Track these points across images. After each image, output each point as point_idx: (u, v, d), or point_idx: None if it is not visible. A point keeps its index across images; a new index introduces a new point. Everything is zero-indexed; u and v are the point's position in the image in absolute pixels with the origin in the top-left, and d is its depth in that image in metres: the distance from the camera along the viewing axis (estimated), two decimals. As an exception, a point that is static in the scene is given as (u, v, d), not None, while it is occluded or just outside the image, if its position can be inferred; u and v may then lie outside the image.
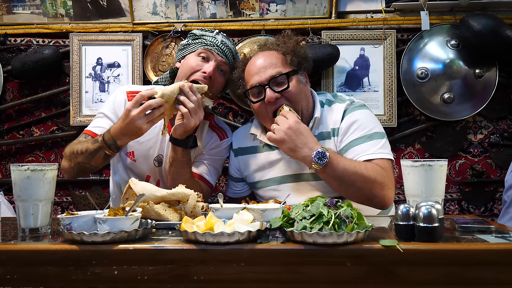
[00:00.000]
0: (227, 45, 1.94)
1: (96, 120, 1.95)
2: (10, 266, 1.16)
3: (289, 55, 1.81)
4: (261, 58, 1.82)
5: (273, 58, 1.81)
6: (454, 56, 2.58)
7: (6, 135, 2.73)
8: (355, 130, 1.76)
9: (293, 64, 1.81)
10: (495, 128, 2.66)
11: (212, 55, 1.89)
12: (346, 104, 1.83)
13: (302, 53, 1.85)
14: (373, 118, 1.82)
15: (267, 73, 1.77)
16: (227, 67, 1.93)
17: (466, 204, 2.66)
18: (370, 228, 1.16)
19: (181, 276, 1.13)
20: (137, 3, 2.64)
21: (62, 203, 2.74)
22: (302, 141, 1.61)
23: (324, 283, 1.12)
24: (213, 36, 1.93)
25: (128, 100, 1.92)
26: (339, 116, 1.80)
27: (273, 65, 1.78)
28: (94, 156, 1.75)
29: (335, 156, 1.61)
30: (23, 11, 2.70)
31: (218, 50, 1.90)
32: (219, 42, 1.91)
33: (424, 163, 1.29)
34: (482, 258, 1.11)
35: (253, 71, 1.81)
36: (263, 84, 1.76)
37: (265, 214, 1.32)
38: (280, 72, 1.77)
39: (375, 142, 1.72)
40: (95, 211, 1.32)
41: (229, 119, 2.70)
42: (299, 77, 1.82)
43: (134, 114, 1.63)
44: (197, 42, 1.93)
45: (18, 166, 1.30)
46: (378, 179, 1.61)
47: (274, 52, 1.84)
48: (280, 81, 1.76)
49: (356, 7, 2.68)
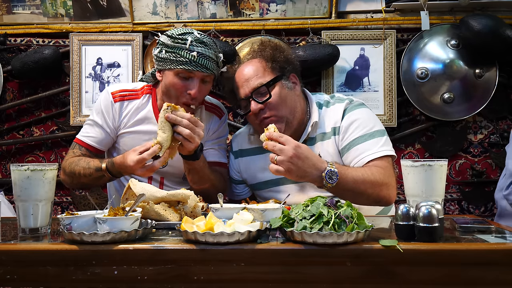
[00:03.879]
0: (206, 56, 1.78)
1: (86, 128, 1.94)
2: (10, 266, 1.16)
3: (269, 62, 1.81)
4: (245, 69, 1.83)
5: (254, 68, 1.81)
6: (454, 56, 2.58)
7: (6, 135, 2.73)
8: (356, 129, 1.76)
9: (275, 70, 1.80)
10: (495, 128, 2.66)
11: (192, 73, 1.78)
12: (346, 103, 1.82)
13: (282, 57, 1.83)
14: (373, 116, 1.82)
15: (250, 85, 1.78)
16: (211, 76, 1.84)
17: (466, 204, 2.66)
18: (370, 228, 1.16)
19: (181, 276, 1.13)
20: (137, 3, 2.64)
21: (62, 203, 2.74)
22: (309, 164, 1.55)
23: (324, 283, 1.12)
24: (187, 50, 1.75)
25: (114, 101, 1.90)
26: (339, 115, 1.80)
27: (255, 76, 1.79)
28: (99, 180, 1.82)
29: (342, 169, 1.60)
30: (23, 11, 2.71)
31: (197, 66, 1.76)
32: (196, 58, 1.76)
33: (424, 163, 1.29)
34: (482, 258, 1.11)
35: (239, 84, 1.83)
36: (248, 97, 1.79)
37: (265, 214, 1.32)
38: (261, 83, 1.77)
39: (376, 140, 1.73)
40: (95, 211, 1.32)
41: (229, 119, 2.70)
42: (283, 82, 1.80)
43: (138, 173, 1.66)
44: (173, 59, 1.77)
45: (18, 166, 1.30)
46: (384, 181, 1.62)
47: (256, 61, 1.84)
48: (263, 92, 1.77)
49: (356, 7, 2.68)
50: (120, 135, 1.94)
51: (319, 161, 1.58)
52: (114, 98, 1.91)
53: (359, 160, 1.71)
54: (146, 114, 1.92)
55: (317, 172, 1.55)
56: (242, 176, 1.97)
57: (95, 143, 1.90)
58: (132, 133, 1.92)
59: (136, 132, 1.92)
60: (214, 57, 1.82)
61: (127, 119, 1.92)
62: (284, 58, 1.83)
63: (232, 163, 2.01)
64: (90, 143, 1.90)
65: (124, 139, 1.93)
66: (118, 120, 1.92)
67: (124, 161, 1.68)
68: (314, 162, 1.56)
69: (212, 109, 2.04)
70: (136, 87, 1.97)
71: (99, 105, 1.93)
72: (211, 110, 2.03)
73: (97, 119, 1.92)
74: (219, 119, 2.03)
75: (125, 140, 1.93)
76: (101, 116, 1.91)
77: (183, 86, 1.79)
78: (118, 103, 1.91)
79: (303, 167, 1.53)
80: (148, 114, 1.93)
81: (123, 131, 1.93)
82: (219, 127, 2.03)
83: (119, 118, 1.91)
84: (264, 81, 1.77)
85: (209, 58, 1.79)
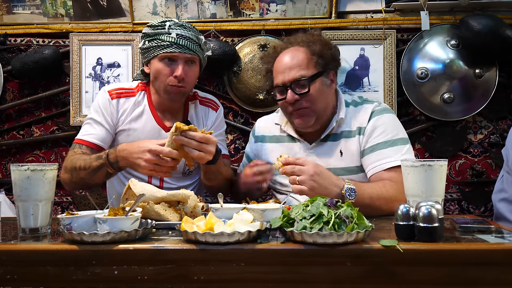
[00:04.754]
0: (184, 37, 1.85)
1: (86, 127, 1.94)
2: (10, 266, 1.16)
3: (316, 56, 1.82)
4: (288, 57, 1.83)
5: (299, 57, 1.81)
6: (454, 56, 2.58)
7: (6, 135, 2.73)
8: (381, 134, 1.79)
9: (319, 65, 1.82)
10: (495, 128, 2.66)
11: (175, 55, 1.85)
12: (374, 105, 1.87)
13: (328, 55, 1.84)
14: (398, 123, 1.86)
15: (291, 74, 1.79)
16: (195, 57, 1.89)
17: (466, 204, 2.66)
18: (370, 228, 1.16)
19: (181, 276, 1.13)
20: (137, 3, 2.64)
21: (62, 203, 2.74)
22: (330, 181, 1.59)
23: (324, 283, 1.12)
24: (166, 33, 1.84)
25: (111, 98, 1.94)
26: (366, 116, 1.84)
27: (298, 67, 1.79)
28: (97, 173, 1.76)
29: (358, 186, 1.62)
30: (23, 11, 2.70)
31: (178, 47, 1.84)
32: (175, 38, 1.83)
33: (424, 163, 1.29)
34: (482, 258, 1.11)
35: (279, 70, 1.84)
36: (286, 85, 1.80)
37: (265, 214, 1.32)
38: (303, 75, 1.78)
39: (399, 148, 1.76)
40: (95, 211, 1.32)
41: (229, 119, 2.70)
42: (323, 79, 1.82)
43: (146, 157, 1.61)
44: (155, 45, 1.86)
45: (18, 166, 1.30)
46: (397, 197, 1.62)
47: (302, 50, 1.83)
48: (302, 84, 1.78)
49: (356, 7, 2.68)
50: (118, 132, 1.96)
51: (336, 178, 1.62)
52: (111, 95, 1.95)
53: (378, 165, 1.75)
54: (142, 110, 1.97)
55: (337, 189, 1.58)
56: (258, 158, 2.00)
57: (97, 139, 1.90)
58: (129, 130, 1.96)
59: (133, 129, 1.95)
60: (195, 38, 1.88)
61: (125, 116, 1.95)
62: (330, 56, 1.85)
63: (252, 143, 2.08)
64: (91, 140, 1.89)
65: (121, 136, 1.96)
66: (116, 117, 1.95)
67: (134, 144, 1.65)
68: (332, 180, 1.60)
69: (207, 103, 2.10)
70: (132, 85, 2.02)
71: (97, 104, 1.95)
72: (205, 104, 2.09)
73: (96, 117, 1.93)
74: (215, 112, 2.09)
75: (123, 138, 1.95)
76: (100, 114, 1.93)
77: (169, 70, 1.85)
78: (115, 100, 1.95)
79: (324, 184, 1.57)
80: (144, 111, 1.97)
81: (121, 128, 1.96)
82: (216, 120, 2.08)
83: (117, 115, 1.95)
84: (306, 74, 1.79)
85: (189, 39, 1.86)
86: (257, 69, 2.63)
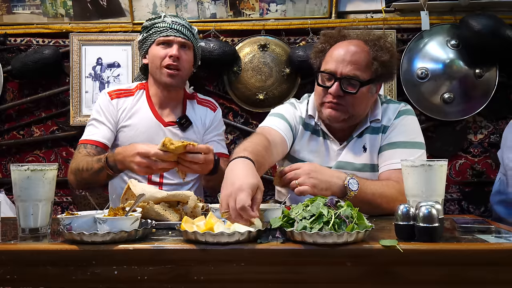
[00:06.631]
0: (178, 23, 2.02)
1: (89, 129, 2.00)
2: (10, 266, 1.16)
3: (377, 63, 1.74)
4: (350, 50, 1.74)
5: (361, 56, 1.73)
6: (454, 56, 2.58)
7: (6, 135, 2.73)
8: (401, 133, 1.79)
9: (375, 73, 1.75)
10: (495, 128, 2.66)
11: (170, 38, 1.99)
12: (401, 105, 1.87)
13: (390, 66, 1.78)
14: (418, 127, 1.87)
15: (345, 69, 1.71)
16: (188, 42, 2.03)
17: (466, 204, 2.66)
18: (370, 228, 1.16)
19: (181, 276, 1.13)
20: (137, 3, 2.64)
21: (62, 203, 2.74)
22: (329, 174, 1.59)
23: (324, 283, 1.12)
24: (162, 21, 2.01)
25: (111, 99, 2.02)
26: (393, 115, 1.83)
27: (356, 65, 1.72)
28: (99, 174, 1.80)
29: (361, 181, 1.62)
30: (23, 11, 2.71)
31: (173, 32, 1.99)
32: (170, 24, 2.00)
33: (424, 163, 1.29)
34: (482, 258, 1.11)
35: (335, 57, 1.75)
36: (336, 76, 1.73)
37: (265, 214, 1.32)
38: (358, 76, 1.71)
39: (415, 151, 1.77)
40: (95, 211, 1.32)
41: (229, 119, 2.70)
42: (372, 87, 1.77)
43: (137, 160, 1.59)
44: (152, 33, 2.02)
45: (18, 166, 1.30)
46: (399, 198, 1.60)
47: (366, 50, 1.75)
48: (353, 84, 1.71)
49: (356, 7, 2.68)
50: (119, 130, 2.03)
51: (336, 171, 1.63)
52: (111, 96, 2.04)
53: (391, 163, 1.74)
54: (141, 105, 2.05)
55: (339, 181, 1.58)
56: (294, 139, 1.90)
57: (101, 138, 1.96)
58: (129, 126, 2.02)
59: (133, 125, 2.02)
60: (188, 26, 2.05)
61: (124, 114, 2.02)
62: (390, 68, 1.79)
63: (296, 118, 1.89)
64: (96, 139, 1.95)
65: (122, 133, 2.02)
66: (117, 116, 2.02)
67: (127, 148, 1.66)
68: (331, 173, 1.61)
69: (205, 103, 2.17)
70: (131, 86, 2.11)
71: (98, 105, 2.03)
72: (203, 104, 2.16)
73: (98, 118, 2.00)
74: (214, 112, 2.15)
75: (123, 134, 2.01)
76: (102, 114, 2.00)
77: (164, 53, 1.98)
78: (115, 100, 2.03)
79: (324, 178, 1.57)
80: (143, 106, 2.05)
81: (121, 125, 2.02)
82: (215, 119, 2.14)
83: (117, 114, 2.02)
84: (361, 76, 1.71)
85: (183, 25, 2.02)
86: (257, 69, 2.63)
